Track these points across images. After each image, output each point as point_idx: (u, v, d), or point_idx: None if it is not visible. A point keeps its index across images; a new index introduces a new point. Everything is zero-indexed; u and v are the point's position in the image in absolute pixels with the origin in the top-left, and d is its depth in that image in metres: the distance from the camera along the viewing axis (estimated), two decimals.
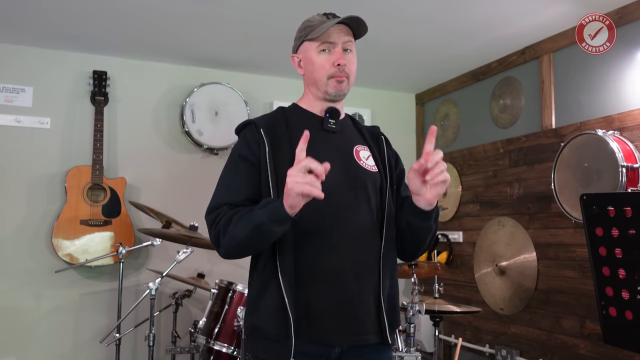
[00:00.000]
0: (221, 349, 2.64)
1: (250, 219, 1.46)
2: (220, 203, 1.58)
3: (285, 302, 1.49)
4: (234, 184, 1.61)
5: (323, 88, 1.67)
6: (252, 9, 2.89)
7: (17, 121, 3.41)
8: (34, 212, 3.40)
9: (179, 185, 3.74)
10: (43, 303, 3.38)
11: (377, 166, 1.71)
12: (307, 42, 1.68)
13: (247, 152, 1.62)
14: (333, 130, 1.69)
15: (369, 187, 1.66)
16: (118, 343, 2.99)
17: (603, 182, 2.65)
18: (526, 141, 3.36)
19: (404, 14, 2.93)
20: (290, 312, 1.49)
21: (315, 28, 1.65)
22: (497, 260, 3.47)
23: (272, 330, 1.52)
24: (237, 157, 1.64)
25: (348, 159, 1.67)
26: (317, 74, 1.66)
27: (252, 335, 1.59)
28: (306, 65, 1.71)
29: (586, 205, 1.83)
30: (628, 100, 2.76)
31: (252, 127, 1.66)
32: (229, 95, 3.81)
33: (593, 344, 2.84)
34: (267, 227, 1.43)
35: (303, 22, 1.73)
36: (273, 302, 1.52)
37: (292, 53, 1.77)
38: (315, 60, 1.66)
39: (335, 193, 1.57)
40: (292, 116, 1.72)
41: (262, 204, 1.48)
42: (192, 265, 3.53)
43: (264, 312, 1.54)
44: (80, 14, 2.98)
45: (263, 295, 1.55)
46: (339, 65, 1.64)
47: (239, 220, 1.49)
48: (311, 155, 1.44)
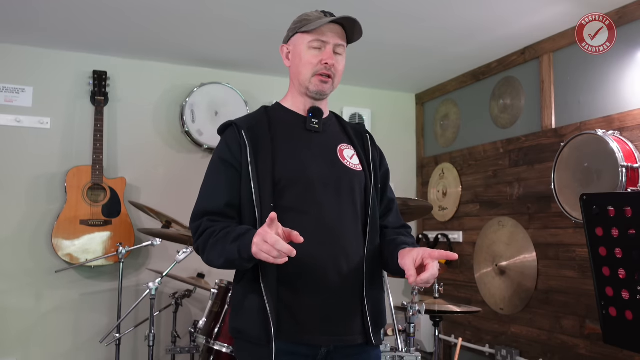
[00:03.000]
0: (221, 349, 2.64)
1: (224, 250, 1.47)
2: (202, 211, 1.59)
3: (265, 304, 1.49)
4: (214, 189, 1.61)
5: (305, 84, 1.66)
6: (252, 9, 2.89)
7: (17, 121, 3.41)
8: (34, 212, 3.40)
9: (179, 185, 3.73)
10: (43, 303, 3.38)
11: (361, 165, 1.69)
12: (299, 34, 1.66)
13: (228, 156, 1.61)
14: (316, 130, 1.68)
15: (354, 187, 1.65)
16: (118, 343, 2.99)
17: (603, 182, 2.65)
18: (526, 141, 3.36)
19: (404, 14, 2.93)
20: (270, 314, 1.48)
21: (311, 22, 1.64)
22: (497, 260, 3.47)
23: (254, 332, 1.51)
24: (218, 160, 1.64)
25: (332, 158, 1.65)
26: (304, 69, 1.65)
27: (237, 338, 1.60)
28: (294, 58, 1.69)
29: (586, 205, 1.83)
30: (628, 100, 2.76)
31: (233, 128, 1.66)
32: (229, 95, 3.81)
33: (593, 344, 2.84)
34: (238, 262, 1.47)
35: (299, 16, 1.72)
36: (254, 304, 1.52)
37: (282, 43, 1.75)
38: (303, 55, 1.65)
39: (318, 193, 1.58)
40: (275, 116, 1.71)
41: (235, 234, 1.47)
42: (192, 265, 3.52)
43: (246, 314, 1.55)
44: (80, 14, 2.98)
45: (245, 298, 1.56)
46: (327, 64, 1.63)
47: (214, 245, 1.51)
48: (292, 159, 1.52)
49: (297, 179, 1.58)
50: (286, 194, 1.57)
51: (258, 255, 1.37)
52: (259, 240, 1.36)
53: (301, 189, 1.57)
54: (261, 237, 1.35)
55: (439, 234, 4.01)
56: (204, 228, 1.55)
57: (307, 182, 1.58)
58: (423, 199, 4.23)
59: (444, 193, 4.06)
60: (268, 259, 1.35)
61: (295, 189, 1.57)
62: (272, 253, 1.33)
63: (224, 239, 1.49)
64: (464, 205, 3.87)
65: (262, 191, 1.55)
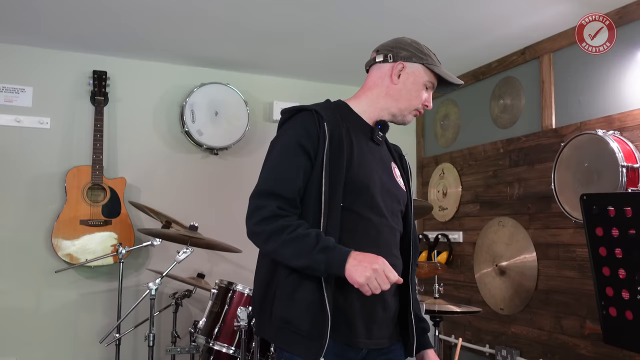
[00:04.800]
0: (221, 349, 2.64)
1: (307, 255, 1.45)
2: (269, 191, 1.53)
3: (325, 298, 1.48)
4: (287, 174, 1.54)
5: (403, 112, 1.71)
6: (252, 9, 2.89)
7: (17, 121, 3.41)
8: (34, 212, 3.40)
9: (179, 185, 3.74)
10: (43, 303, 3.38)
11: (405, 186, 1.77)
12: (423, 67, 1.69)
13: (307, 142, 1.55)
14: (378, 143, 1.72)
15: (401, 205, 1.73)
16: (118, 343, 2.99)
17: (603, 182, 2.65)
18: (526, 141, 3.36)
19: (404, 14, 2.93)
20: (328, 309, 1.47)
21: (433, 62, 1.70)
22: (497, 260, 3.46)
23: (305, 326, 1.49)
24: (295, 142, 1.56)
25: (389, 172, 1.71)
26: (411, 102, 1.70)
27: (283, 328, 1.53)
28: (406, 83, 1.69)
29: (586, 205, 1.83)
30: (628, 100, 2.76)
31: (312, 115, 1.59)
32: (229, 95, 3.81)
33: (593, 344, 2.84)
34: (316, 272, 1.47)
35: (416, 42, 1.73)
36: (310, 298, 1.50)
37: (396, 59, 1.70)
38: (418, 89, 1.69)
39: (379, 203, 1.62)
40: (347, 117, 1.68)
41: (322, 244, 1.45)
42: (192, 265, 3.53)
43: (299, 306, 1.51)
44: (80, 14, 2.98)
45: (298, 289, 1.51)
46: (426, 106, 1.72)
47: (290, 242, 1.47)
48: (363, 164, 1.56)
49: (365, 185, 1.60)
50: (353, 197, 1.57)
51: (360, 284, 1.42)
52: (371, 275, 1.41)
53: (367, 196, 1.60)
54: (381, 274, 1.41)
55: (439, 234, 4.00)
56: (274, 214, 1.50)
57: (372, 190, 1.61)
58: (423, 199, 4.23)
59: (444, 193, 4.06)
60: (367, 291, 1.42)
61: (362, 195, 1.59)
62: (376, 291, 1.42)
63: (303, 241, 1.46)
64: (464, 205, 3.87)
65: (332, 190, 1.53)
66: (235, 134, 3.78)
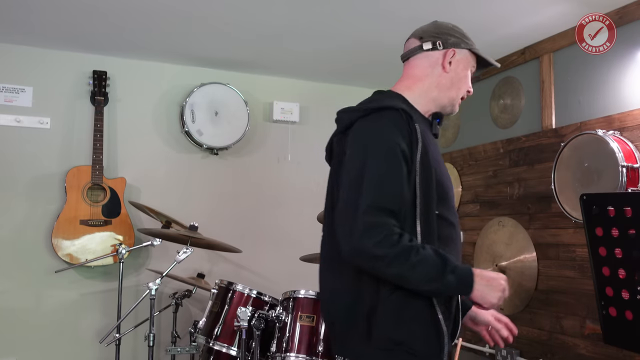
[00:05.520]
0: (221, 349, 2.64)
1: (437, 278, 1.36)
2: (380, 207, 1.37)
3: (439, 316, 1.42)
4: (393, 186, 1.39)
5: (451, 102, 1.65)
6: (252, 9, 2.89)
7: (17, 121, 3.41)
8: (34, 212, 3.40)
9: (179, 185, 3.74)
10: (43, 303, 3.38)
11: None
12: (470, 52, 1.64)
13: (405, 146, 1.42)
14: (436, 136, 1.66)
15: None
16: (118, 343, 2.99)
17: (603, 182, 2.65)
18: (526, 141, 3.36)
19: (404, 15, 2.93)
20: (444, 327, 1.42)
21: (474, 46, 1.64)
22: (497, 260, 3.46)
23: (418, 345, 1.41)
24: (395, 146, 1.41)
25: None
26: (460, 90, 1.65)
27: (393, 350, 1.42)
28: (457, 71, 1.62)
29: (586, 205, 1.83)
30: (628, 100, 2.76)
31: (401, 115, 1.45)
32: (229, 95, 3.81)
33: (593, 344, 2.84)
34: (446, 294, 1.45)
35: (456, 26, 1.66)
36: (421, 316, 1.42)
37: (446, 46, 1.61)
38: (466, 76, 1.64)
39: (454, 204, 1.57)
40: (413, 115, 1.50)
41: (452, 265, 1.37)
42: (192, 265, 3.53)
43: (412, 325, 1.42)
44: (81, 14, 2.98)
45: (407, 307, 1.42)
46: (469, 92, 1.68)
47: (418, 265, 1.35)
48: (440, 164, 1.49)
49: (447, 187, 1.53)
50: (441, 202, 1.48)
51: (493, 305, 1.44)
52: (502, 295, 1.43)
53: (449, 199, 1.53)
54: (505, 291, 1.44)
55: None
56: (392, 233, 1.35)
57: (451, 192, 1.54)
58: None
59: None
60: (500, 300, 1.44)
61: (446, 198, 1.52)
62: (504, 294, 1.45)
63: (431, 264, 1.36)
64: (464, 205, 3.86)
65: (426, 198, 1.42)
66: (236, 134, 3.78)
